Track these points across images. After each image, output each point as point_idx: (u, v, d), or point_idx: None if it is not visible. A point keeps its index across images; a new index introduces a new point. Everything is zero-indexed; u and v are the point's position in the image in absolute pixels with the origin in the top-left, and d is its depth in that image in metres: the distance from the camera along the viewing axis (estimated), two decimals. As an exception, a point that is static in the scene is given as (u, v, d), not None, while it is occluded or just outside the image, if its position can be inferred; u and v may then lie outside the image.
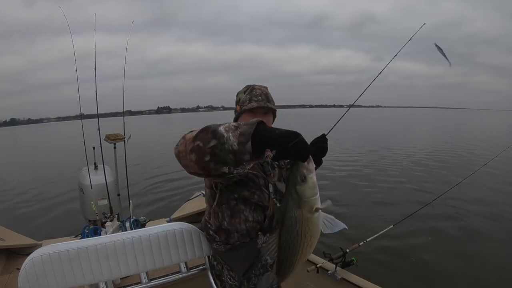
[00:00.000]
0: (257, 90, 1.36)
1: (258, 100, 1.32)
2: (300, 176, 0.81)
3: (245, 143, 0.82)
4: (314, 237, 0.85)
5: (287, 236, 0.84)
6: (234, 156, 0.84)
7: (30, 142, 31.66)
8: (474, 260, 3.62)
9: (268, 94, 1.38)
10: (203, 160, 0.89)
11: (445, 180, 6.99)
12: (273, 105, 1.38)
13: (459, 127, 30.77)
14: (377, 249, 3.49)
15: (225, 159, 0.86)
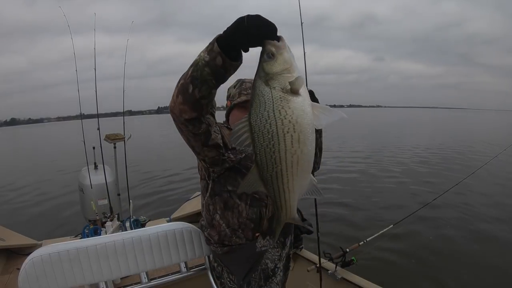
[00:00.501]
0: (247, 83, 1.29)
1: (248, 93, 1.24)
2: (267, 54, 0.70)
3: (212, 48, 0.82)
4: (301, 128, 0.68)
5: (256, 118, 0.68)
6: (209, 67, 0.84)
7: (30, 142, 31.66)
8: (475, 259, 3.62)
9: None
10: (188, 93, 0.89)
11: (446, 180, 6.99)
12: None
13: (460, 127, 30.77)
14: (377, 248, 3.48)
15: (204, 76, 0.85)
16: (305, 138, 0.68)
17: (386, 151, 12.56)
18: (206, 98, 0.91)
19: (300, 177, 0.72)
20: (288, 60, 0.69)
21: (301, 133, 0.67)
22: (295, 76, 0.68)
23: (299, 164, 0.69)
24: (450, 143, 15.07)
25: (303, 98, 0.68)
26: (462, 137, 18.53)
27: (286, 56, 0.70)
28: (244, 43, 0.77)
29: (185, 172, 8.06)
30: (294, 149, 0.68)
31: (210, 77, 0.86)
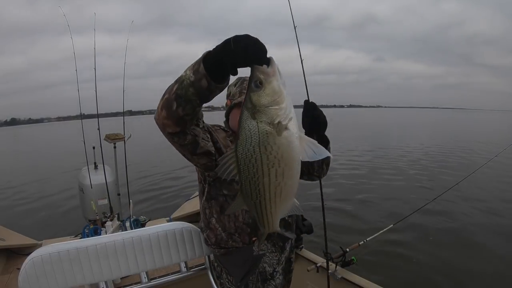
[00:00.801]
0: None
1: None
2: (254, 82, 0.66)
3: (198, 69, 0.79)
4: (286, 162, 0.67)
5: (242, 152, 0.66)
6: (194, 88, 0.81)
7: (30, 142, 31.65)
8: (475, 259, 3.62)
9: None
10: (171, 110, 0.87)
11: (446, 179, 6.99)
12: None
13: (460, 127, 30.76)
14: (377, 248, 3.49)
15: (188, 96, 0.83)
16: (290, 172, 0.68)
17: (386, 151, 12.57)
18: (190, 115, 0.90)
19: (283, 203, 0.73)
20: (277, 90, 0.66)
21: (286, 167, 0.67)
22: (284, 107, 0.65)
23: (282, 194, 0.70)
24: (451, 143, 15.08)
25: (291, 133, 0.66)
26: (463, 137, 18.54)
27: (275, 85, 0.66)
28: (230, 66, 0.73)
29: (185, 172, 8.06)
30: (278, 182, 0.68)
31: (194, 97, 0.84)
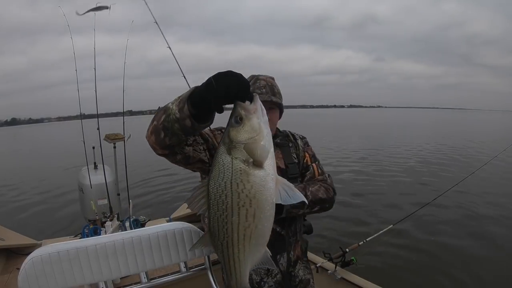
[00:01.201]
0: (261, 81, 1.25)
1: (261, 93, 1.22)
2: (235, 117, 0.66)
3: (183, 108, 0.80)
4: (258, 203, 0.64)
5: (214, 187, 0.64)
6: (179, 124, 0.83)
7: (30, 141, 31.65)
8: (476, 259, 3.62)
9: (273, 86, 1.27)
10: (159, 137, 0.91)
11: (446, 180, 7.00)
12: (279, 98, 1.26)
13: (460, 128, 30.77)
14: (377, 248, 3.49)
15: (174, 130, 0.86)
16: (261, 214, 0.65)
17: (386, 151, 12.57)
18: (177, 144, 0.96)
19: (253, 250, 0.69)
20: (256, 127, 0.64)
21: (257, 208, 0.64)
22: (261, 146, 0.63)
23: (252, 238, 0.66)
24: (451, 143, 15.08)
25: (266, 173, 0.64)
26: (463, 137, 18.54)
27: (255, 122, 0.64)
28: (214, 105, 0.71)
29: (185, 171, 8.03)
30: (248, 223, 0.65)
31: (179, 132, 0.86)
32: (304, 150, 1.38)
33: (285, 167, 1.30)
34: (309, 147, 1.41)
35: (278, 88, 1.28)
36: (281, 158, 1.30)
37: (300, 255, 1.34)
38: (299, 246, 1.34)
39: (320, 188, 1.23)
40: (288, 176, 1.25)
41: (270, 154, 0.65)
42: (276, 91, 1.27)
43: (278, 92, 1.28)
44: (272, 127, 1.26)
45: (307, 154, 1.37)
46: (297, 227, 1.33)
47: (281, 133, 1.41)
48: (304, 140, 1.43)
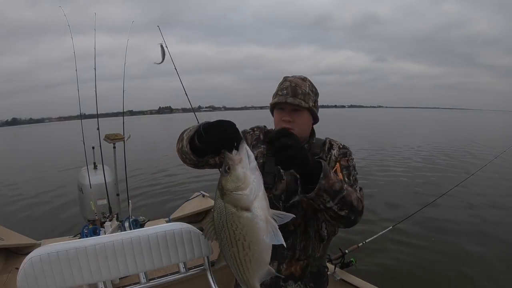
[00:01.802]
0: (286, 82, 1.17)
1: (281, 94, 1.14)
2: (224, 167, 0.75)
3: (186, 145, 0.98)
4: (251, 239, 0.74)
5: (217, 223, 0.77)
6: (189, 156, 1.02)
7: (30, 141, 31.66)
8: (477, 261, 3.62)
9: (298, 86, 1.15)
10: (183, 158, 1.09)
11: (446, 181, 6.99)
12: (300, 100, 1.12)
13: (461, 128, 30.77)
14: (377, 250, 3.49)
15: (187, 159, 1.07)
16: (256, 246, 0.76)
17: (387, 151, 12.58)
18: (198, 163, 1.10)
19: (255, 269, 0.80)
20: (241, 177, 0.72)
21: (251, 242, 0.75)
22: (246, 194, 0.72)
23: (252, 262, 0.78)
24: (452, 143, 15.09)
25: (254, 215, 0.73)
26: (464, 137, 18.54)
27: (239, 172, 0.72)
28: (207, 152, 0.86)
29: (184, 172, 8.06)
30: (245, 252, 0.76)
31: (191, 162, 1.08)
32: (337, 160, 1.21)
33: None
34: (346, 158, 1.22)
35: (305, 89, 1.15)
36: None
37: (297, 274, 1.23)
38: (300, 265, 1.23)
39: (354, 193, 1.04)
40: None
41: (258, 198, 0.73)
42: (300, 92, 1.14)
43: (304, 93, 1.14)
44: (297, 131, 1.09)
45: (338, 164, 1.20)
46: (297, 244, 1.20)
47: (315, 140, 1.26)
48: (342, 150, 1.24)
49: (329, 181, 0.92)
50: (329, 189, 0.92)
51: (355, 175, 1.19)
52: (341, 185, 0.97)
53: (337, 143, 1.26)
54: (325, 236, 1.24)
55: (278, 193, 1.17)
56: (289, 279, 1.23)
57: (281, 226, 1.04)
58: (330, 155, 1.22)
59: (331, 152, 1.23)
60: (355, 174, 1.20)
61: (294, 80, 1.17)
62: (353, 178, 1.17)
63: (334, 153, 1.22)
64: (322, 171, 0.90)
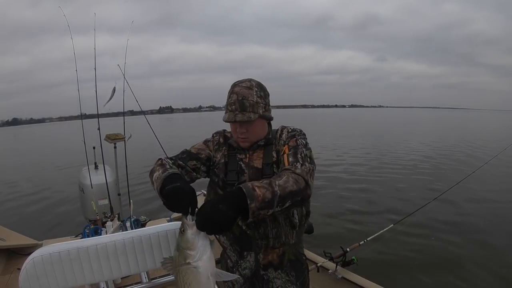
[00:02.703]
0: (233, 95, 1.19)
1: (230, 110, 1.18)
2: (180, 228, 0.88)
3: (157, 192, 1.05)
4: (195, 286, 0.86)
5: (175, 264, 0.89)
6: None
7: (30, 141, 31.68)
8: (478, 259, 3.62)
9: (245, 99, 1.17)
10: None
11: (447, 179, 6.99)
12: (249, 114, 1.16)
13: (462, 127, 30.74)
14: (378, 248, 3.49)
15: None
16: None
17: (387, 150, 12.57)
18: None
19: None
20: (190, 240, 0.85)
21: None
22: (193, 254, 0.85)
23: None
24: (452, 143, 15.08)
25: (198, 272, 0.85)
26: (465, 137, 18.53)
27: (189, 236, 0.85)
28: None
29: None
30: None
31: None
32: (286, 143, 1.21)
33: (261, 167, 1.24)
34: (295, 138, 1.22)
35: (253, 99, 1.17)
36: (261, 158, 1.25)
37: (275, 262, 1.28)
38: (276, 253, 1.27)
39: (289, 179, 1.01)
40: (263, 176, 1.19)
41: (203, 259, 0.86)
42: (248, 104, 1.16)
43: (252, 105, 1.17)
44: (253, 138, 1.24)
45: (286, 147, 1.19)
46: (269, 232, 1.22)
47: (271, 133, 1.30)
48: (291, 133, 1.25)
49: (258, 198, 0.91)
50: (262, 204, 0.92)
51: (303, 152, 1.17)
52: (271, 189, 0.95)
53: (288, 128, 1.30)
54: (297, 223, 1.26)
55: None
56: (268, 267, 1.28)
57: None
58: (280, 141, 1.26)
59: (281, 137, 1.27)
60: (304, 151, 1.17)
61: (240, 91, 1.18)
62: (300, 156, 1.15)
63: (283, 137, 1.26)
64: (246, 196, 0.90)
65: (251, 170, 1.24)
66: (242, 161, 1.27)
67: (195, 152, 1.31)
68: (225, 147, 1.32)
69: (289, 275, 1.31)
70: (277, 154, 1.24)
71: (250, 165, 1.25)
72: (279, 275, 1.30)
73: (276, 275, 1.29)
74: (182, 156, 1.29)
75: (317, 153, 11.54)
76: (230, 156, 1.29)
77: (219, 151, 1.32)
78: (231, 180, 1.24)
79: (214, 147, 1.33)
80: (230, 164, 1.28)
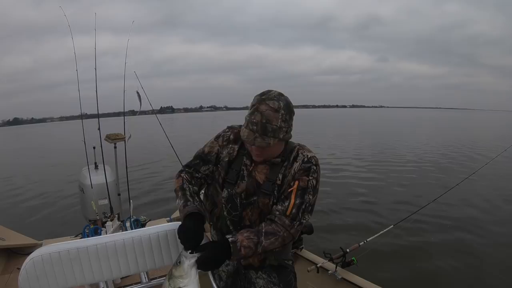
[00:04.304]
0: (257, 115, 1.10)
1: (251, 130, 1.11)
2: (177, 260, 1.02)
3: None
4: None
5: None
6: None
7: (31, 141, 31.69)
8: (477, 260, 3.62)
9: (269, 122, 1.09)
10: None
11: (447, 180, 6.99)
12: (269, 139, 1.10)
13: (462, 128, 30.71)
14: (377, 249, 3.48)
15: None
16: None
17: (388, 150, 12.58)
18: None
19: None
20: (185, 270, 1.00)
21: None
22: (185, 282, 0.99)
23: None
24: (453, 143, 15.09)
25: None
26: (465, 137, 18.52)
27: (185, 267, 1.00)
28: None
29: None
30: None
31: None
32: (296, 177, 1.19)
33: (262, 182, 1.22)
34: (307, 177, 1.18)
35: (277, 123, 1.10)
36: (265, 173, 1.23)
37: (256, 265, 1.31)
38: (257, 258, 1.28)
39: (276, 241, 1.12)
40: (260, 190, 1.22)
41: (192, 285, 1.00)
42: (270, 129, 1.09)
43: (273, 130, 1.10)
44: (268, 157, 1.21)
45: (296, 183, 1.17)
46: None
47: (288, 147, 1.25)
48: (307, 165, 1.19)
49: (241, 255, 1.10)
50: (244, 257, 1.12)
51: (308, 202, 1.17)
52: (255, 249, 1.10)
53: (304, 154, 1.22)
54: None
55: (239, 191, 1.24)
56: (249, 268, 1.34)
57: (237, 222, 1.25)
58: (291, 168, 1.20)
59: (294, 165, 1.21)
60: (310, 199, 1.18)
61: (266, 112, 1.09)
62: (302, 210, 1.16)
63: (295, 168, 1.20)
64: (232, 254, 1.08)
65: (250, 180, 1.23)
66: (246, 167, 1.25)
67: (207, 153, 1.31)
68: (234, 145, 1.28)
69: (270, 276, 1.33)
70: (282, 178, 1.20)
71: (252, 175, 1.24)
72: (260, 276, 1.34)
73: (258, 275, 1.34)
74: (195, 162, 1.31)
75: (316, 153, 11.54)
76: (238, 155, 1.27)
77: (226, 147, 1.29)
78: (230, 180, 1.25)
79: (223, 142, 1.30)
80: (234, 163, 1.26)
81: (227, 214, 1.26)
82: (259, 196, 1.22)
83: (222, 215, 1.28)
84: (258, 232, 1.12)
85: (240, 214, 1.24)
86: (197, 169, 1.30)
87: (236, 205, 1.24)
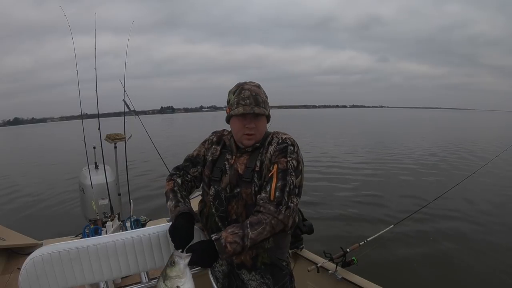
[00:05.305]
0: (246, 91, 1.22)
1: (245, 104, 1.20)
2: (170, 261, 1.04)
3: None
4: None
5: None
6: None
7: (31, 141, 31.70)
8: (477, 259, 3.62)
9: (258, 95, 1.22)
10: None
11: (447, 180, 6.99)
12: (263, 109, 1.22)
13: (463, 128, 30.69)
14: (378, 248, 3.47)
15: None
16: None
17: (388, 151, 12.56)
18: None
19: None
20: (182, 270, 1.02)
21: None
22: (183, 281, 1.01)
23: None
24: (453, 143, 15.07)
25: None
26: (466, 137, 18.50)
27: (182, 266, 1.02)
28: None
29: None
30: None
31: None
32: (274, 160, 1.19)
33: (242, 172, 1.25)
34: (285, 158, 1.18)
35: (263, 97, 1.24)
36: (245, 162, 1.26)
37: (248, 264, 1.28)
38: (248, 254, 1.26)
39: (265, 229, 1.10)
40: (242, 180, 1.24)
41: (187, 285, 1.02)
42: (261, 100, 1.22)
43: (263, 101, 1.23)
44: (258, 136, 1.26)
45: (275, 166, 1.18)
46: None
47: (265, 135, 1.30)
48: (282, 146, 1.21)
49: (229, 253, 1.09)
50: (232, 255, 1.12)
51: (292, 183, 1.16)
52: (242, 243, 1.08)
53: (278, 136, 1.26)
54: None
55: (223, 186, 1.28)
56: (241, 267, 1.31)
57: (224, 218, 1.26)
58: (267, 153, 1.23)
59: (269, 149, 1.23)
60: (293, 180, 1.17)
61: (252, 88, 1.24)
62: (288, 191, 1.15)
63: (271, 151, 1.22)
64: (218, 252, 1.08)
65: (232, 172, 1.27)
66: (228, 161, 1.31)
67: (195, 156, 1.40)
68: (216, 146, 1.37)
69: (264, 278, 1.29)
70: (260, 164, 1.23)
71: (233, 167, 1.28)
72: (253, 277, 1.30)
73: (250, 276, 1.31)
74: (185, 165, 1.39)
75: (317, 154, 11.54)
76: (220, 154, 1.35)
77: (210, 149, 1.38)
78: (215, 177, 1.31)
79: (208, 145, 1.40)
80: (218, 161, 1.34)
81: (215, 211, 1.28)
82: (242, 187, 1.24)
83: (210, 212, 1.30)
84: (243, 225, 1.11)
85: (226, 208, 1.26)
86: (187, 171, 1.38)
87: (222, 200, 1.27)
